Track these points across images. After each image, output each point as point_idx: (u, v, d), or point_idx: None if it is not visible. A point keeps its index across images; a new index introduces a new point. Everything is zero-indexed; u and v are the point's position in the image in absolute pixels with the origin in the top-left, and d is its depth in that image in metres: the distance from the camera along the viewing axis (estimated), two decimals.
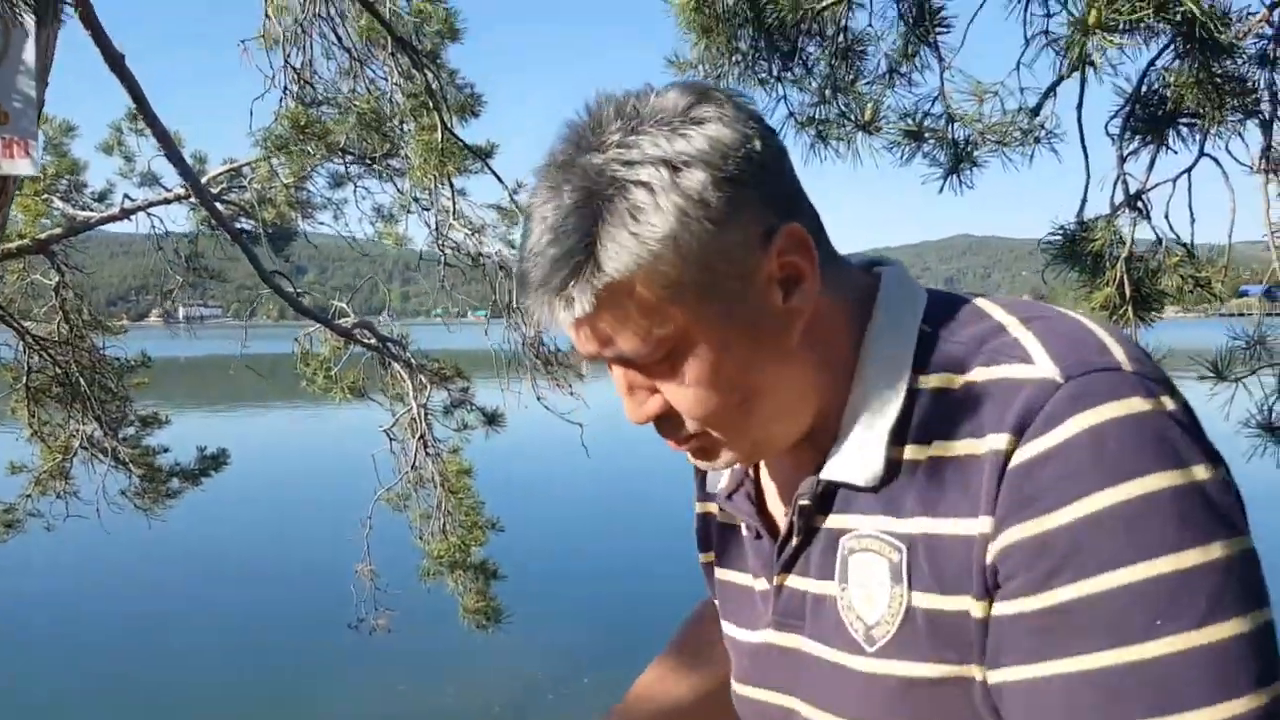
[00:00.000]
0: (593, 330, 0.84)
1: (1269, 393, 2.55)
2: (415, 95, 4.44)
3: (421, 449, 5.56)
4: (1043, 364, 0.79)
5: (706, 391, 0.86)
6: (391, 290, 8.52)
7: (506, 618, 5.67)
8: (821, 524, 0.93)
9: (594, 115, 0.85)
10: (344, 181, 7.12)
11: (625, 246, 0.80)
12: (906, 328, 0.89)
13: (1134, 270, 2.77)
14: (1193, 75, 2.32)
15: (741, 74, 3.41)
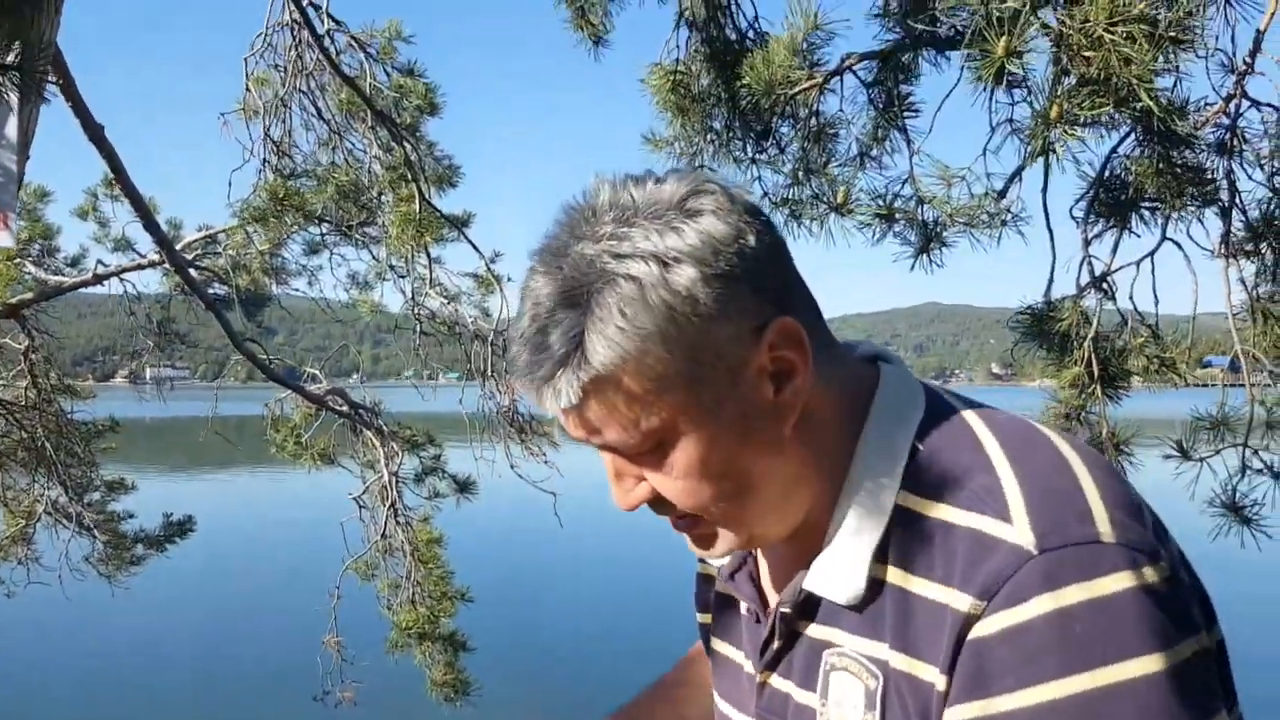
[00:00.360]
0: (580, 419, 0.84)
1: (1232, 472, 2.59)
2: (394, 168, 4.49)
3: (391, 517, 5.51)
4: (1019, 526, 0.76)
5: (695, 483, 0.85)
6: (363, 352, 8.49)
7: (475, 690, 5.57)
8: (805, 630, 0.93)
9: (590, 202, 0.85)
10: (319, 249, 7.14)
11: (613, 340, 0.79)
12: (900, 442, 0.88)
13: (1101, 349, 2.83)
14: (1152, 165, 2.40)
15: (716, 152, 3.49)
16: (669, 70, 3.39)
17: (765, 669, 0.96)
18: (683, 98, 3.40)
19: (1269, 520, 2.55)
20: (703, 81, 3.48)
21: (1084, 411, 2.79)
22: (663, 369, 0.81)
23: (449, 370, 7.10)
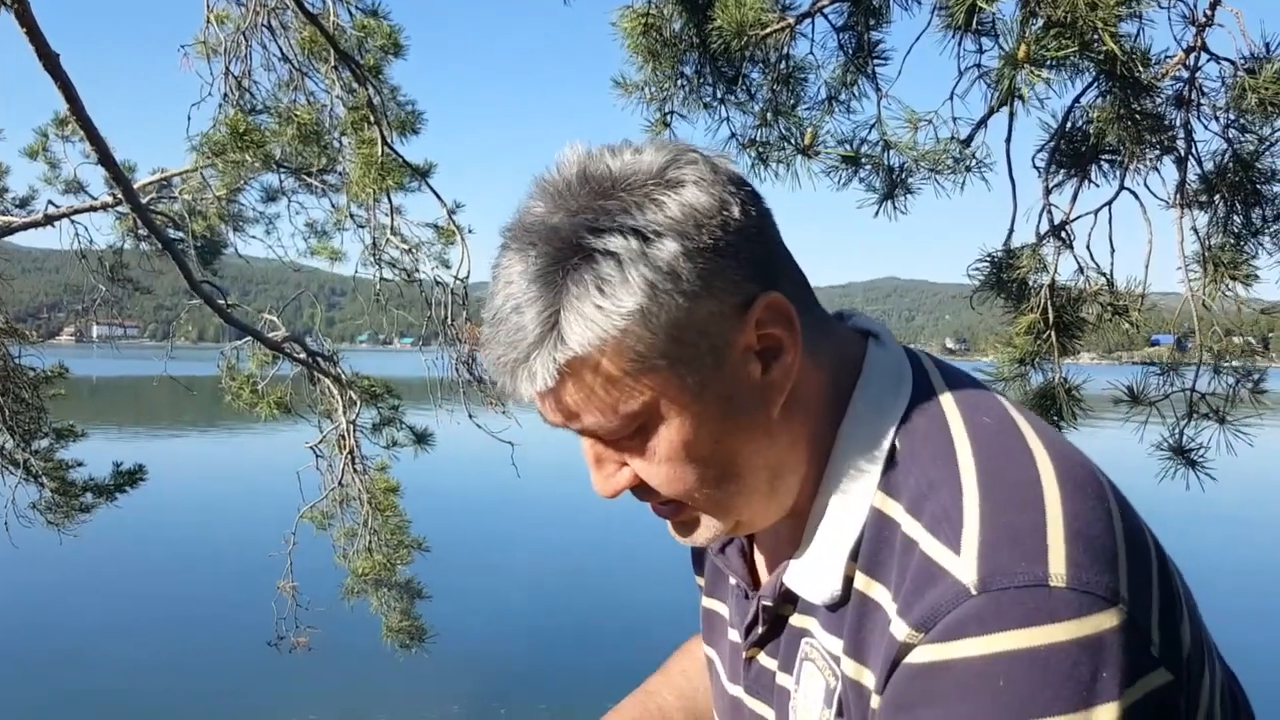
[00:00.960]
0: (556, 403, 0.79)
1: (1180, 416, 2.67)
2: (356, 109, 4.44)
3: (349, 465, 5.49)
4: (966, 560, 0.72)
5: (679, 467, 0.81)
6: (317, 315, 8.43)
7: (430, 638, 5.59)
8: (790, 614, 0.92)
9: (564, 174, 0.80)
10: (278, 195, 7.04)
11: (591, 320, 0.75)
12: (881, 435, 0.85)
13: (1057, 298, 2.89)
14: (1113, 111, 2.44)
15: (686, 97, 3.49)
16: (641, 13, 3.38)
17: (753, 646, 0.96)
18: (654, 41, 3.39)
19: (1213, 463, 2.63)
20: (674, 25, 3.47)
21: (1037, 358, 2.85)
22: (643, 349, 0.76)
23: (404, 336, 7.07)
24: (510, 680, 9.92)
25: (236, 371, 6.75)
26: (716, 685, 1.09)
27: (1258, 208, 2.67)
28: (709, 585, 1.13)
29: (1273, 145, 2.61)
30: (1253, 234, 2.70)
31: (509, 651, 10.96)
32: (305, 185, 6.43)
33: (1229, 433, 2.62)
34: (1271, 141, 2.62)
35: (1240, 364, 2.63)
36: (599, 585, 14.07)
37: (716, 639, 1.09)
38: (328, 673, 9.21)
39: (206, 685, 9.76)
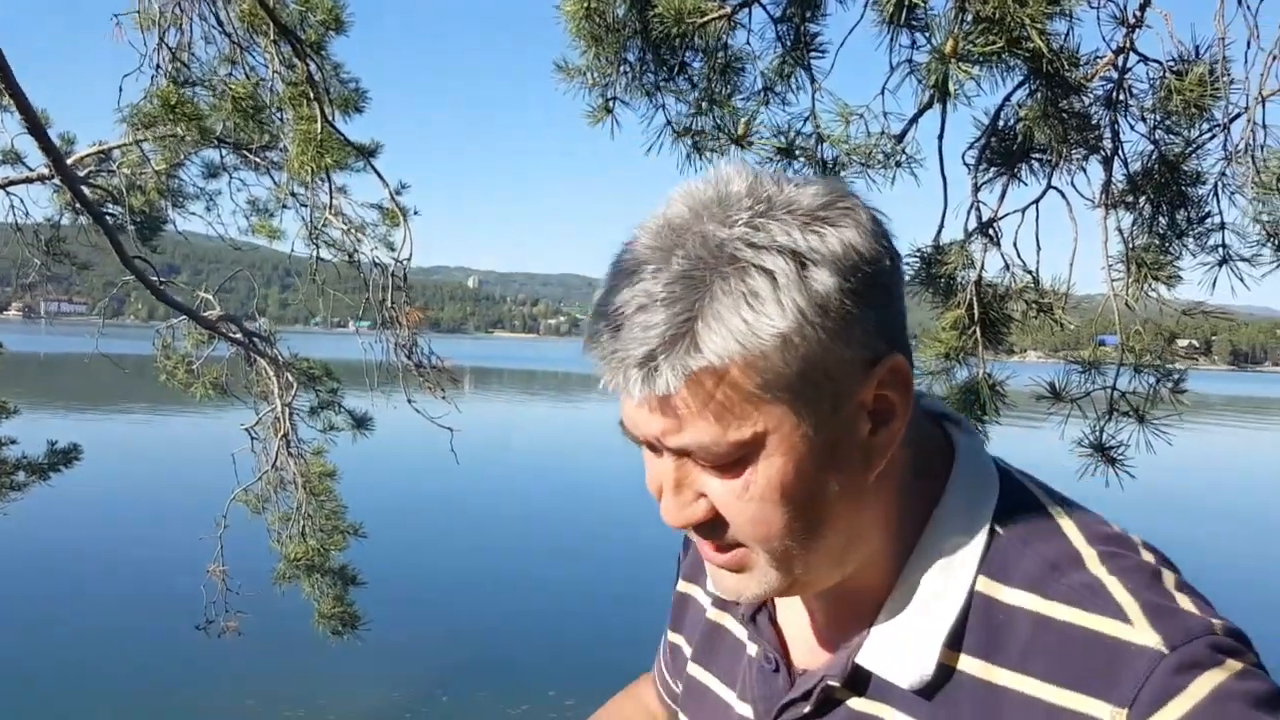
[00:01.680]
0: (664, 411, 0.75)
1: (1100, 413, 2.70)
2: (295, 84, 4.35)
3: (284, 449, 5.41)
4: (1140, 627, 0.74)
5: (769, 509, 0.77)
6: (269, 296, 8.25)
7: (363, 625, 5.53)
8: (842, 699, 0.87)
9: (721, 187, 0.77)
10: (219, 172, 6.91)
11: (733, 332, 0.72)
12: (979, 519, 0.83)
13: (983, 294, 2.90)
14: (1040, 110, 2.45)
15: (629, 84, 3.46)
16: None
17: (779, 717, 0.91)
18: (597, 26, 3.36)
19: (1132, 461, 2.66)
20: (618, 11, 3.44)
21: (963, 354, 2.86)
22: (773, 376, 0.73)
23: (360, 320, 6.96)
24: (451, 667, 9.86)
25: (172, 350, 6.62)
26: None
27: (1182, 209, 2.70)
28: (702, 654, 1.07)
29: (1199, 148, 2.64)
30: (1177, 235, 2.73)
31: (450, 638, 10.90)
32: (246, 162, 6.31)
33: (1149, 432, 2.65)
34: (1197, 144, 2.65)
35: (1161, 363, 2.66)
36: (539, 572, 14.04)
37: (703, 714, 1.04)
38: (262, 658, 9.12)
39: (133, 668, 9.60)
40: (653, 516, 0.83)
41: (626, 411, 0.79)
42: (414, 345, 5.28)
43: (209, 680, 9.06)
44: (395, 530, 14.65)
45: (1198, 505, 21.97)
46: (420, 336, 5.61)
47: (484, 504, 19.08)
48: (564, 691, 8.94)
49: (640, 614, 11.26)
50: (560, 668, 9.77)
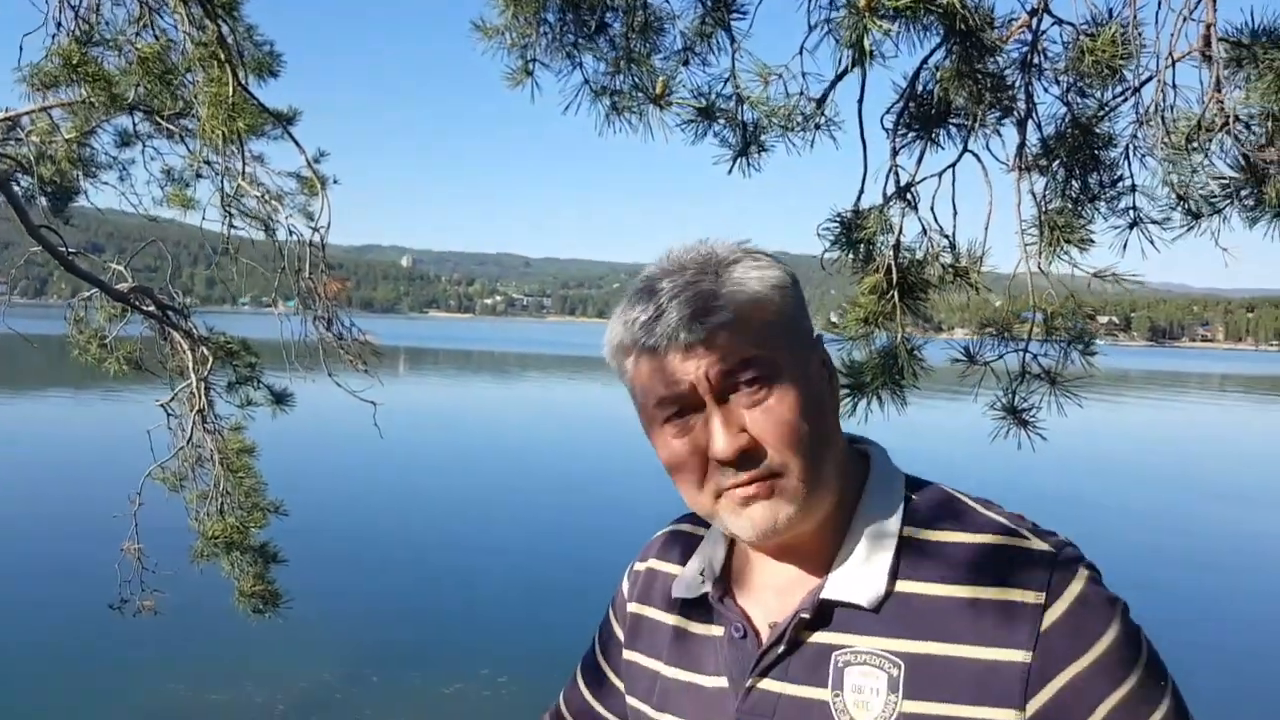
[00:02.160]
0: (711, 345, 1.03)
1: (1013, 377, 2.72)
2: (205, 44, 4.20)
3: (199, 425, 5.26)
4: (1035, 540, 1.07)
5: (795, 418, 1.05)
6: (195, 274, 8.01)
7: (285, 603, 5.42)
8: (807, 639, 1.11)
9: (687, 244, 1.14)
10: (132, 140, 6.68)
11: (751, 281, 1.07)
12: (897, 492, 1.15)
13: (901, 259, 2.90)
14: (954, 70, 2.45)
15: (549, 45, 3.39)
16: None
17: (758, 675, 1.11)
18: None
19: (1044, 423, 2.68)
20: None
21: (882, 318, 2.86)
22: (777, 318, 1.07)
23: (289, 299, 6.79)
24: (381, 647, 9.76)
25: (85, 325, 6.40)
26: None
27: (1095, 172, 2.72)
28: (670, 656, 1.25)
29: (1111, 110, 2.66)
30: (1089, 199, 2.75)
31: (380, 618, 10.78)
32: (160, 129, 6.09)
33: (1059, 394, 2.68)
34: (1110, 107, 2.67)
35: (1073, 326, 2.69)
36: (470, 551, 13.95)
37: (679, 704, 1.21)
38: (184, 641, 8.93)
39: (47, 651, 9.34)
40: (583, 495, 0.84)
41: (667, 373, 1.05)
42: (333, 317, 5.16)
43: (129, 664, 8.86)
44: (322, 510, 14.46)
45: (1119, 473, 22.59)
46: (342, 311, 5.50)
47: (414, 483, 18.90)
48: (496, 669, 8.89)
49: (572, 591, 11.22)
50: (492, 646, 9.71)
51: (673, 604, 1.26)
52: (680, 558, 1.30)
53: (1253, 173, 2.50)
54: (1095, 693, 1.01)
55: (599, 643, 1.41)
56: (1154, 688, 1.03)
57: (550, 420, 33.15)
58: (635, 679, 1.30)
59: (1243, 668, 10.25)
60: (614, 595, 1.40)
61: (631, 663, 1.31)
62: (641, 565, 1.36)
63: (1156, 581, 13.17)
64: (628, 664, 1.32)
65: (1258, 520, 18.64)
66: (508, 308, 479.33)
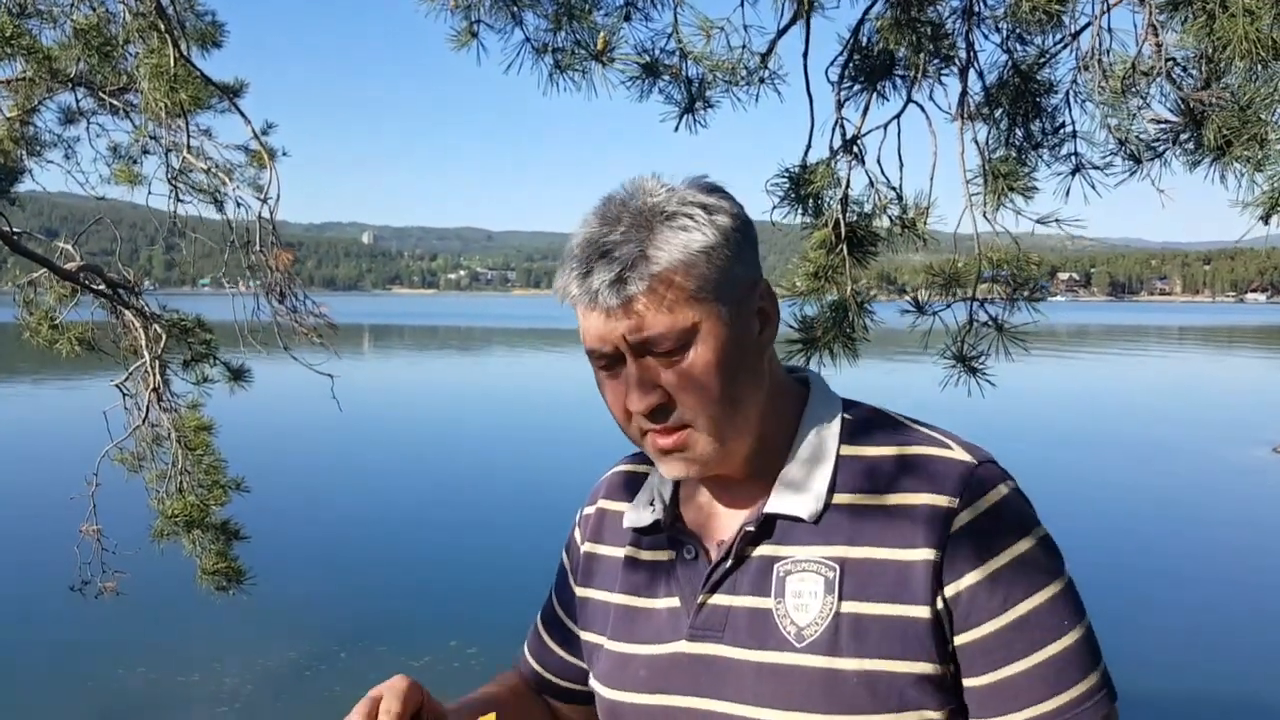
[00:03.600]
0: (629, 314, 1.06)
1: (961, 325, 2.74)
2: (144, 15, 4.11)
3: (155, 403, 5.20)
4: (959, 450, 1.14)
5: (709, 378, 1.09)
6: (154, 255, 7.88)
7: (249, 580, 5.39)
8: (751, 553, 1.17)
9: (639, 181, 1.14)
10: (76, 118, 6.54)
11: (674, 247, 1.07)
12: (834, 413, 1.21)
13: (850, 212, 2.92)
14: (893, 19, 2.45)
15: (493, 5, 3.35)
16: None
17: (708, 592, 1.17)
18: None
19: (992, 370, 2.71)
20: None
21: (832, 271, 2.88)
22: (702, 280, 1.08)
23: (254, 278, 6.69)
24: (349, 623, 9.73)
25: (35, 306, 6.29)
26: (628, 664, 1.25)
27: (1037, 120, 2.74)
28: (623, 585, 1.29)
29: (1051, 57, 2.68)
30: (1033, 146, 2.78)
31: (346, 594, 10.74)
32: (103, 105, 5.97)
33: (1006, 341, 2.71)
34: (1051, 53, 2.69)
35: (1018, 275, 2.71)
36: (435, 525, 13.94)
37: (626, 629, 1.26)
38: (149, 623, 8.88)
39: (5, 634, 9.26)
40: (548, 467, 0.86)
41: (594, 330, 1.09)
42: (287, 290, 5.10)
43: (93, 647, 8.78)
44: (286, 487, 14.36)
45: (1078, 431, 22.93)
46: (296, 286, 5.43)
47: (380, 459, 18.81)
48: (465, 641, 8.90)
49: (539, 560, 11.19)
50: (460, 618, 9.72)
51: (624, 537, 1.31)
52: (628, 495, 1.34)
53: (1191, 116, 2.52)
54: (994, 601, 1.08)
55: (554, 591, 1.44)
56: (1057, 614, 1.09)
57: (516, 393, 33.10)
58: (590, 615, 1.34)
59: (1207, 605, 10.48)
60: (566, 543, 1.43)
61: (586, 599, 1.35)
62: (591, 508, 1.40)
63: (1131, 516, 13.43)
64: (582, 602, 1.36)
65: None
66: (472, 282, 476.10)
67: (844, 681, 1.08)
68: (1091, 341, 69.09)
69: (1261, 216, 2.22)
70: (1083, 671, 1.08)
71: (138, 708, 8.00)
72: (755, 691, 1.12)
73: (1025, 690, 1.08)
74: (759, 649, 1.13)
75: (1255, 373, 45.50)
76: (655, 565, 1.26)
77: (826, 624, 1.10)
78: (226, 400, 5.96)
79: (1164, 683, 8.26)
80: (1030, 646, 1.08)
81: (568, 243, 1.14)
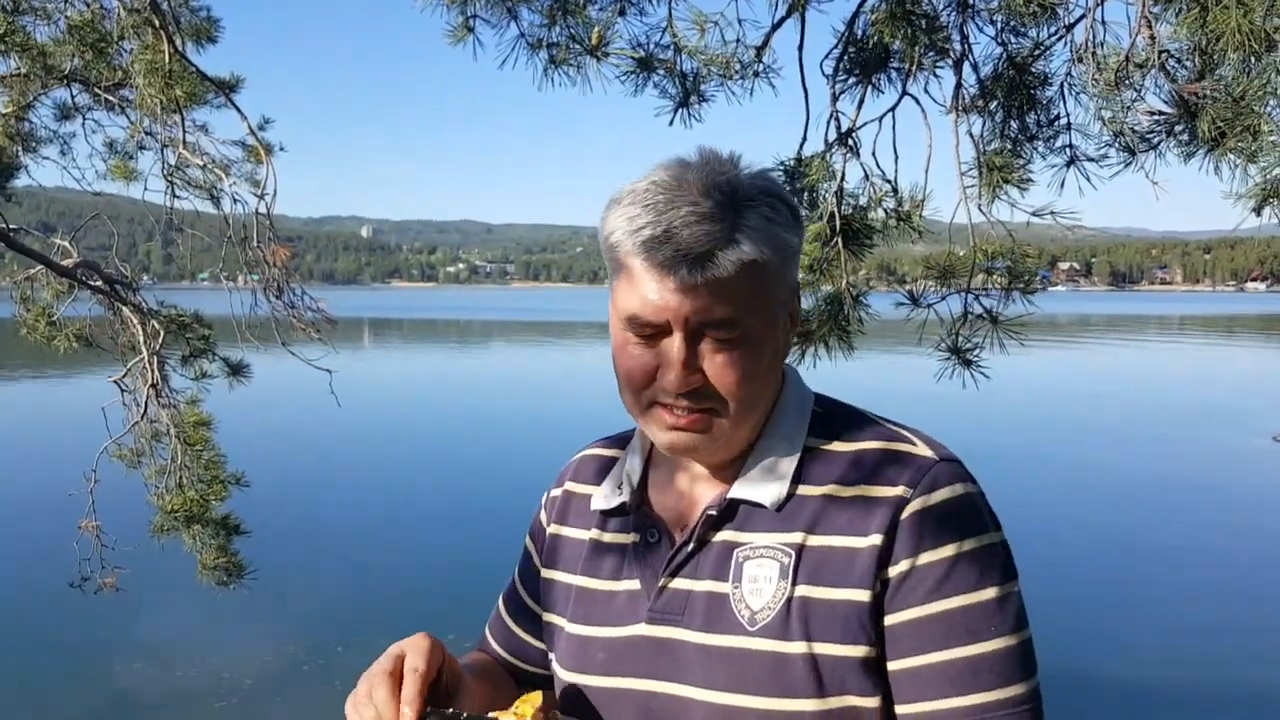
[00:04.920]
0: (706, 293, 1.06)
1: (956, 318, 2.75)
2: (138, 11, 4.11)
3: (154, 399, 5.20)
4: (922, 446, 1.16)
5: (747, 374, 1.11)
6: (151, 249, 7.86)
7: (250, 573, 5.40)
8: (713, 538, 1.18)
9: (714, 153, 1.12)
10: (71, 114, 6.53)
11: (763, 236, 1.07)
12: (806, 405, 1.22)
13: (844, 205, 2.92)
14: (888, 12, 2.45)
15: None
16: None
17: (670, 575, 1.19)
18: None
19: (987, 362, 2.72)
20: None
21: (827, 265, 2.88)
22: (775, 280, 1.11)
23: (252, 273, 6.69)
24: (346, 617, 9.73)
25: (32, 303, 6.29)
26: (587, 647, 1.25)
27: (1032, 112, 2.74)
28: (585, 567, 1.29)
29: (1045, 49, 2.67)
30: (1028, 139, 2.78)
31: (342, 588, 10.72)
32: (99, 101, 5.96)
33: (1001, 333, 2.71)
34: (1045, 45, 2.69)
35: (1015, 265, 2.72)
36: (434, 518, 13.95)
37: (585, 612, 1.27)
38: (146, 618, 8.88)
39: (4, 631, 9.27)
40: (548, 459, 0.89)
41: (653, 299, 1.07)
42: (284, 285, 5.10)
43: (92, 644, 8.79)
44: (285, 482, 14.35)
45: (1079, 423, 22.93)
46: (294, 281, 5.43)
47: (379, 454, 18.83)
48: (463, 635, 8.80)
49: None
50: (457, 611, 9.69)
51: (590, 518, 1.31)
52: (596, 478, 1.34)
53: (1185, 108, 2.52)
54: (923, 589, 1.09)
55: (518, 573, 1.44)
56: (987, 618, 1.09)
57: (516, 387, 33.11)
58: (553, 597, 1.34)
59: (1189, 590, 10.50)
60: (530, 526, 1.43)
61: (549, 581, 1.35)
62: (558, 490, 1.40)
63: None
64: (546, 584, 1.36)
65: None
66: (471, 275, 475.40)
67: (791, 665, 1.10)
68: (1092, 331, 69.06)
69: (1254, 208, 2.22)
70: (1005, 680, 1.08)
71: (137, 703, 8.00)
72: (707, 675, 1.13)
73: (937, 682, 1.09)
74: (714, 633, 1.14)
75: (1255, 362, 45.50)
76: (618, 548, 1.27)
77: (778, 609, 1.11)
78: (225, 396, 5.97)
79: (1163, 667, 8.29)
80: (950, 641, 1.08)
81: (628, 188, 1.11)
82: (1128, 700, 7.65)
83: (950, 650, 1.08)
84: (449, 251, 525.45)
